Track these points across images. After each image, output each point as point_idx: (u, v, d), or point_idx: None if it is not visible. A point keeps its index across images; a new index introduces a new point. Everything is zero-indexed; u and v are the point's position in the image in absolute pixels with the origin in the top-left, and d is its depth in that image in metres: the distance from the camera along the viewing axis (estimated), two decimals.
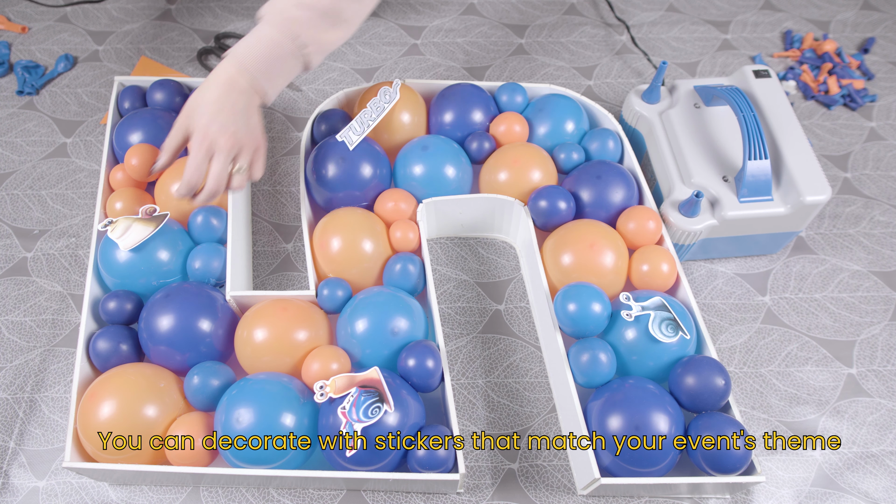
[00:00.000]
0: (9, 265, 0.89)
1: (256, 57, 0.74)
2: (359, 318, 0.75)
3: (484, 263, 0.92)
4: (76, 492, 0.74)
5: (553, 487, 0.76)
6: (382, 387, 0.67)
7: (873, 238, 0.95)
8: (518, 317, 0.87)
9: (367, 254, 0.80)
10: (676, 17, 1.20)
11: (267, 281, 0.89)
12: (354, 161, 0.84)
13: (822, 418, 0.81)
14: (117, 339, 0.75)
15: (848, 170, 1.02)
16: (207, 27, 1.15)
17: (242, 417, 0.67)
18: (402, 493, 0.75)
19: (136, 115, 0.89)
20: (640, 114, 0.93)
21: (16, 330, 0.84)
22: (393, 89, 0.87)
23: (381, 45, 1.14)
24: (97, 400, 0.69)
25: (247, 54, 0.74)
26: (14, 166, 0.98)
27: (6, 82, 1.07)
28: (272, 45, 0.74)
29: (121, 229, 0.76)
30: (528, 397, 0.81)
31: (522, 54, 1.14)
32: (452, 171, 0.87)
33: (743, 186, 0.82)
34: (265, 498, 0.74)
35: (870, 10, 1.22)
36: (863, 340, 0.86)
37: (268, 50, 0.74)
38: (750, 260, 0.93)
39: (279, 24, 0.74)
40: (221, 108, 0.73)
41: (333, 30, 0.77)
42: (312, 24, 0.75)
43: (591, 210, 0.85)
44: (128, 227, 0.76)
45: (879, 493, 0.76)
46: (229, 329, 0.76)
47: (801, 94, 1.10)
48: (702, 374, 0.71)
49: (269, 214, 0.95)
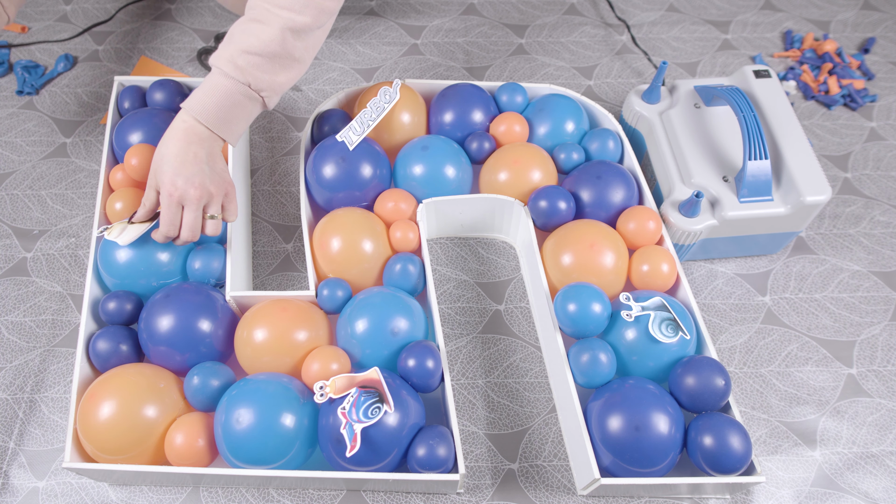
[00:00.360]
0: (9, 265, 0.89)
1: (212, 107, 0.74)
2: (359, 319, 0.75)
3: (484, 263, 0.92)
4: (76, 492, 0.74)
5: (553, 487, 0.76)
6: (382, 387, 0.67)
7: (873, 238, 0.95)
8: (518, 317, 0.87)
9: (367, 254, 0.80)
10: (676, 17, 1.20)
11: (267, 281, 0.89)
12: (354, 161, 0.84)
13: (822, 418, 0.81)
14: (117, 339, 0.75)
15: (848, 170, 1.02)
16: (207, 27, 1.15)
17: (242, 418, 0.67)
18: (402, 494, 0.75)
19: (136, 115, 0.89)
20: (640, 114, 0.93)
21: (16, 330, 0.84)
22: (393, 89, 0.87)
23: (381, 45, 1.14)
24: (97, 400, 0.69)
25: (203, 105, 0.74)
26: (14, 166, 0.98)
27: (6, 82, 1.07)
28: (226, 94, 0.74)
29: (117, 231, 0.76)
30: (528, 397, 0.81)
31: (522, 54, 1.14)
32: (452, 171, 0.87)
33: (743, 186, 0.82)
34: (265, 498, 0.74)
35: (870, 10, 1.22)
36: (863, 340, 0.86)
37: (222, 99, 0.74)
38: (750, 260, 0.93)
39: (231, 72, 0.74)
40: (184, 161, 0.72)
41: (285, 71, 0.76)
42: (263, 69, 0.74)
43: (591, 210, 0.85)
44: (123, 228, 0.76)
45: (879, 493, 0.76)
46: (229, 329, 0.76)
47: (801, 94, 1.10)
48: (702, 374, 0.71)
49: (269, 214, 0.95)
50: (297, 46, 0.76)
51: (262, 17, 0.74)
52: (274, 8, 0.74)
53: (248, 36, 0.74)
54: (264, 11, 0.74)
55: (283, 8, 0.74)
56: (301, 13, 0.74)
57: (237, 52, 0.74)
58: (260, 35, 0.74)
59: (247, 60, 0.74)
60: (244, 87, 0.74)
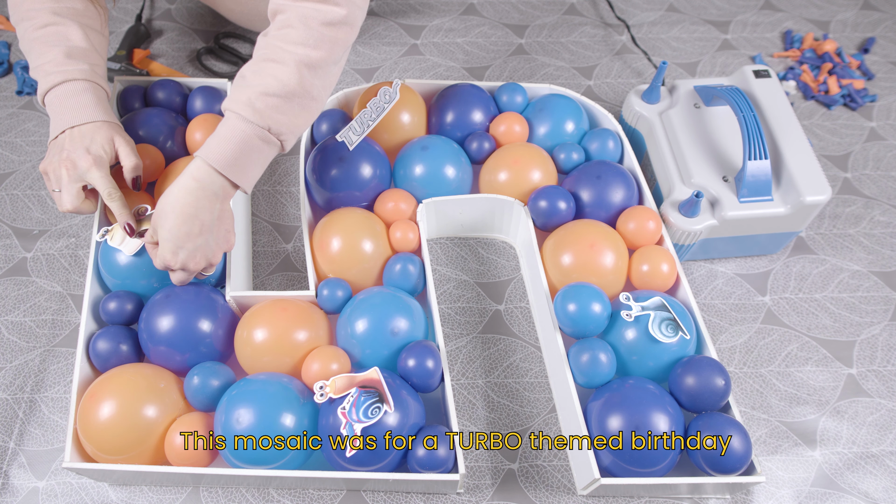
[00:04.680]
0: (9, 265, 0.89)
1: (230, 154, 0.70)
2: (359, 319, 0.75)
3: (484, 263, 0.92)
4: (76, 492, 0.74)
5: (553, 487, 0.76)
6: (382, 387, 0.67)
7: (873, 238, 0.95)
8: (518, 317, 0.87)
9: (366, 254, 0.80)
10: (676, 17, 1.20)
11: (267, 281, 0.89)
12: (354, 161, 0.84)
13: (822, 418, 0.81)
14: (117, 339, 0.75)
15: (848, 170, 1.02)
16: (207, 27, 1.15)
17: (242, 418, 0.67)
18: (402, 494, 0.75)
19: (136, 115, 0.89)
20: (640, 114, 0.93)
21: (16, 330, 0.84)
22: (393, 89, 0.86)
23: (380, 45, 1.14)
24: (97, 400, 0.69)
25: (220, 152, 0.70)
26: (14, 166, 0.98)
27: (6, 82, 1.07)
28: (244, 139, 0.70)
29: (119, 237, 0.76)
30: (528, 397, 0.81)
31: (522, 54, 1.14)
32: (452, 172, 0.87)
33: (743, 186, 0.82)
34: (265, 498, 0.74)
35: (870, 10, 1.22)
36: (863, 340, 0.86)
37: (240, 145, 0.70)
38: (750, 260, 0.93)
39: (249, 116, 0.70)
40: (189, 234, 0.69)
41: (304, 113, 0.73)
42: (282, 111, 0.71)
43: (591, 210, 0.85)
44: (124, 237, 0.76)
45: (879, 493, 0.76)
46: (229, 329, 0.76)
47: (801, 94, 1.10)
48: (702, 374, 0.71)
49: (269, 214, 0.95)
50: (314, 84, 0.72)
51: (276, 56, 0.71)
52: (287, 45, 0.70)
53: (264, 77, 0.70)
54: (277, 50, 0.71)
55: (297, 44, 0.70)
56: (316, 48, 0.71)
57: (255, 95, 0.70)
58: (276, 74, 0.70)
59: (265, 103, 0.70)
60: (263, 131, 0.71)
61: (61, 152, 0.73)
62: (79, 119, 0.74)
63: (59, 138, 0.74)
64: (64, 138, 0.74)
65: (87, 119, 0.74)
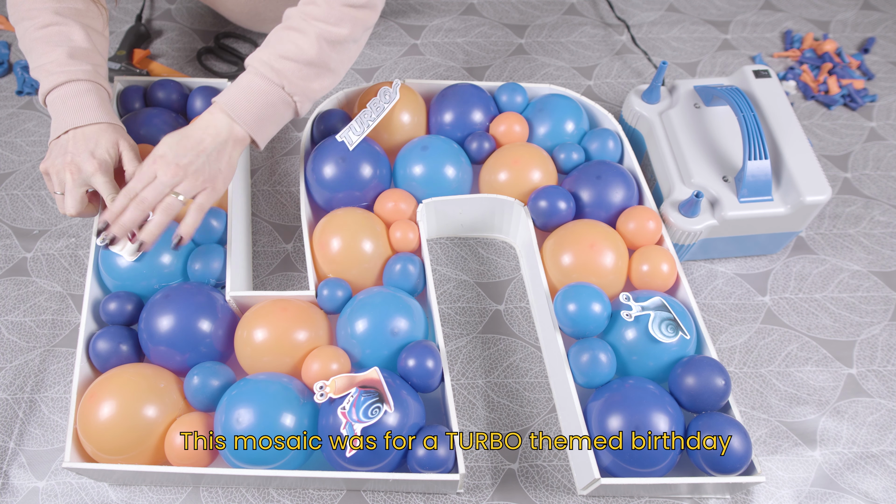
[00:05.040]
0: (9, 265, 0.89)
1: (248, 104, 0.75)
2: (359, 319, 0.75)
3: (484, 263, 0.92)
4: (76, 492, 0.74)
5: (553, 487, 0.76)
6: (382, 387, 0.67)
7: (873, 238, 0.95)
8: (518, 317, 0.87)
9: (366, 254, 0.80)
10: (676, 17, 1.20)
11: (267, 281, 0.89)
12: (354, 161, 0.84)
13: (822, 418, 0.81)
14: (117, 339, 0.75)
15: (848, 170, 1.02)
16: (207, 27, 1.15)
17: (242, 418, 0.67)
18: (402, 494, 0.75)
19: (137, 115, 0.89)
20: (640, 114, 0.93)
21: (16, 330, 0.84)
22: (393, 89, 0.87)
23: (380, 45, 1.14)
24: (97, 400, 0.69)
25: (238, 102, 0.74)
26: (14, 166, 0.98)
27: (6, 82, 1.07)
28: (261, 93, 0.75)
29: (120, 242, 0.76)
30: (528, 397, 0.81)
31: (522, 54, 1.14)
32: (452, 171, 0.87)
33: (743, 186, 0.82)
34: (265, 498, 0.74)
35: (870, 10, 1.22)
36: (863, 340, 0.86)
37: (257, 97, 0.75)
38: (750, 260, 0.93)
39: (266, 73, 0.75)
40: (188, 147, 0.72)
41: (319, 79, 0.78)
42: (298, 74, 0.76)
43: (591, 210, 0.85)
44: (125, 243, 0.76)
45: (879, 494, 0.76)
46: (229, 329, 0.76)
47: (801, 94, 1.10)
48: (702, 374, 0.71)
49: (269, 214, 0.95)
50: (332, 57, 0.77)
51: (299, 27, 0.76)
52: (310, 19, 0.75)
53: (284, 42, 0.75)
54: (301, 21, 0.76)
55: (320, 20, 0.75)
56: (337, 25, 0.76)
57: (274, 56, 0.75)
58: (297, 42, 0.75)
59: (283, 65, 0.75)
60: (278, 88, 0.75)
61: (65, 154, 0.73)
62: (82, 120, 0.74)
63: (61, 138, 0.74)
64: (67, 139, 0.74)
65: (91, 120, 0.74)
